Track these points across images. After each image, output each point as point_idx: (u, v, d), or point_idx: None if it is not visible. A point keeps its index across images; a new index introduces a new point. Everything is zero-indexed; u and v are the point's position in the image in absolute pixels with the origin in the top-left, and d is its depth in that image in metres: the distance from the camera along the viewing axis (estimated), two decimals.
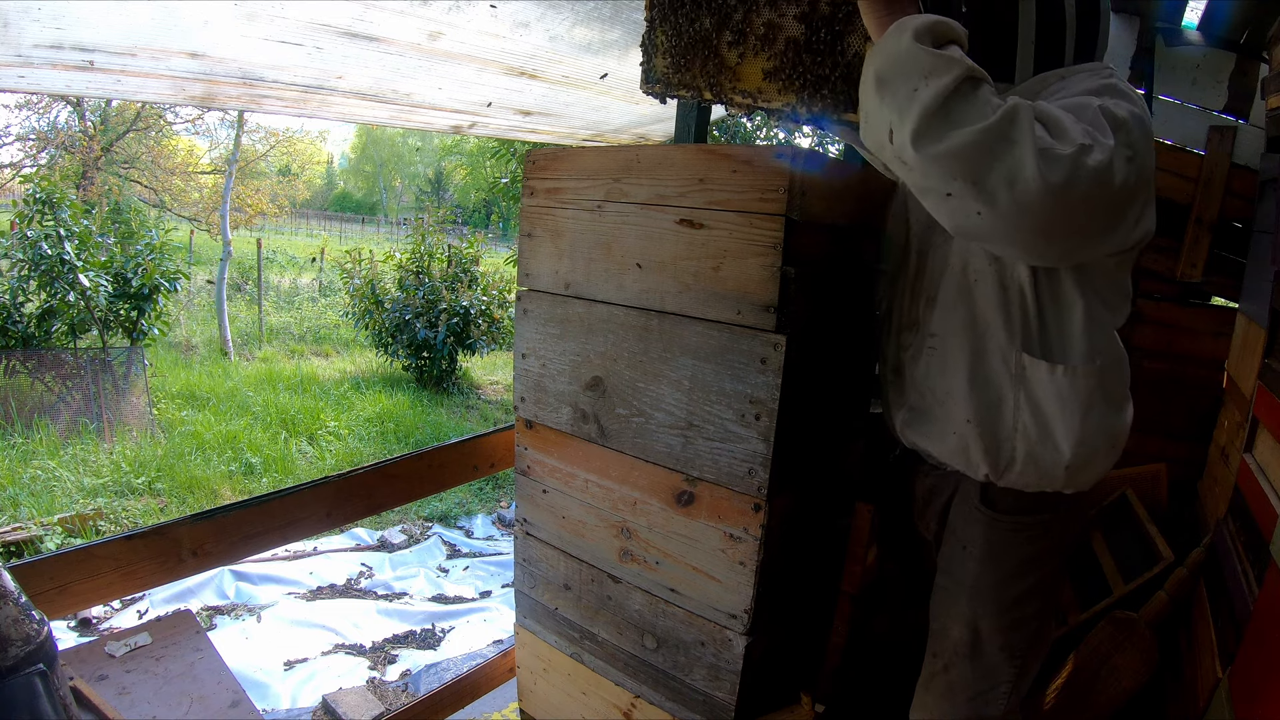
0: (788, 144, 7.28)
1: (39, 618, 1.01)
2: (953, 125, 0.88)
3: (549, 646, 1.87)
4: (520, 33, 1.84)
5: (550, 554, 1.79)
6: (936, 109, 0.88)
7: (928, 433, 1.30)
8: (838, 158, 1.77)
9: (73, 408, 7.13)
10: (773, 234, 1.26)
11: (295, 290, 15.12)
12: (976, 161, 0.88)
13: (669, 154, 1.40)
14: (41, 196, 7.24)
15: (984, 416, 1.20)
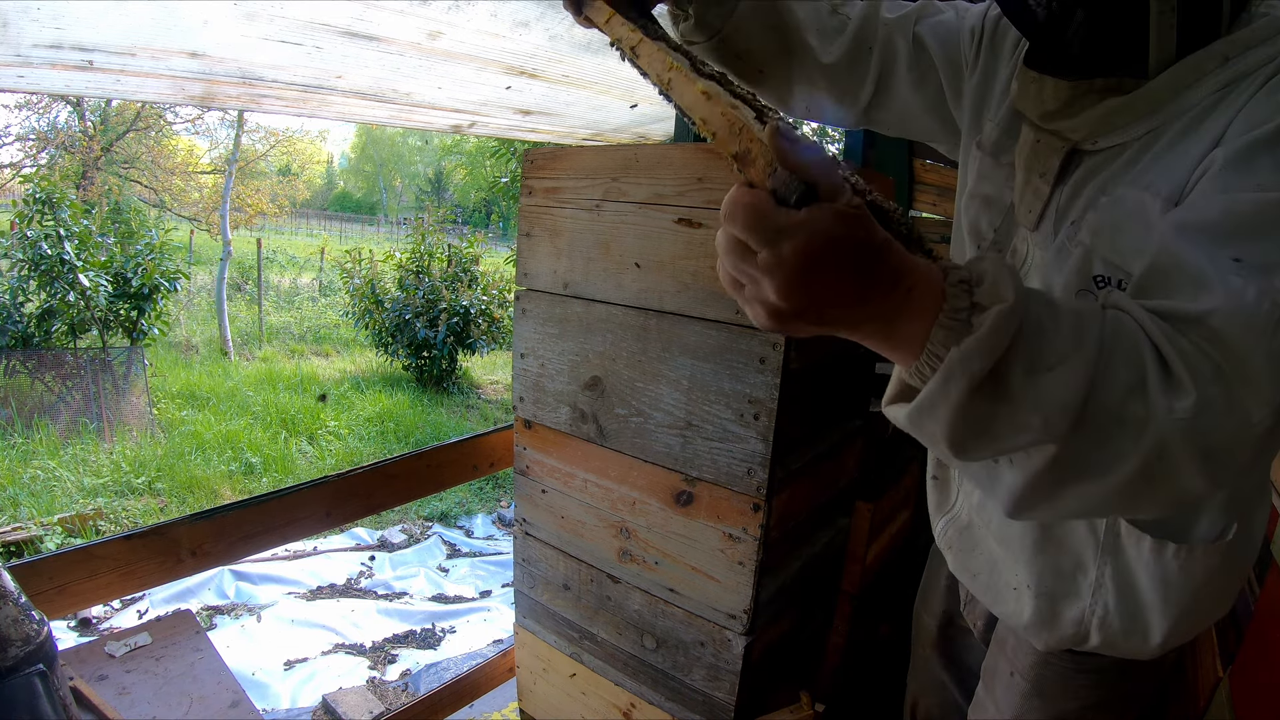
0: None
1: (39, 618, 1.01)
2: (1074, 483, 0.58)
3: (549, 646, 1.87)
4: (520, 32, 1.84)
5: (549, 554, 1.79)
6: (1044, 479, 0.58)
7: (974, 570, 1.05)
8: (836, 156, 1.77)
9: (73, 408, 7.14)
10: None
11: (295, 290, 15.12)
12: (1119, 505, 0.61)
13: (668, 153, 1.40)
14: (41, 196, 7.24)
15: (1049, 586, 0.92)
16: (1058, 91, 0.81)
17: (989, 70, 1.01)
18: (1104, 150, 0.81)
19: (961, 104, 1.05)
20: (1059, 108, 0.81)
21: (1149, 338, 0.57)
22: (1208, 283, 0.58)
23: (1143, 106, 0.76)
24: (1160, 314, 0.58)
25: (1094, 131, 0.81)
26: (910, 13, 1.07)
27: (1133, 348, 0.56)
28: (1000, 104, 0.98)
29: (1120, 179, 0.79)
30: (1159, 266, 0.63)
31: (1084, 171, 0.83)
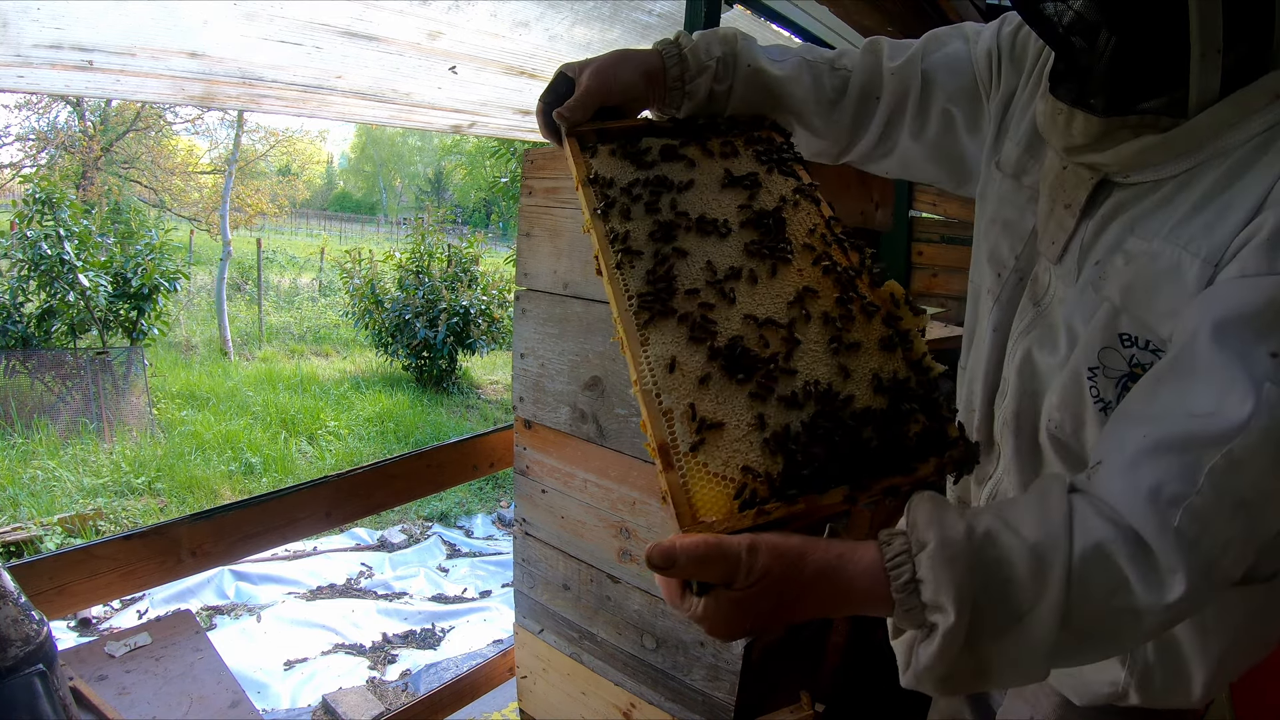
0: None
1: (39, 618, 1.01)
2: (1080, 658, 0.63)
3: (548, 646, 1.87)
4: (520, 32, 1.84)
5: (549, 554, 1.79)
6: (1042, 671, 0.61)
7: None
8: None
9: (73, 408, 7.14)
10: None
11: (295, 290, 15.11)
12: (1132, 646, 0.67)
13: None
14: (41, 196, 7.24)
15: None
16: (1088, 127, 0.74)
17: (1010, 87, 0.96)
18: (1136, 185, 0.75)
19: (980, 130, 1.00)
20: (1088, 143, 0.75)
21: (1127, 532, 0.58)
22: (1238, 392, 0.57)
23: (1181, 145, 0.70)
24: (1174, 444, 0.58)
25: (1126, 167, 0.74)
26: (915, 53, 1.02)
27: (1104, 560, 0.58)
28: (1020, 121, 0.93)
29: (1152, 220, 0.72)
30: (1185, 364, 0.61)
31: (1113, 205, 0.77)
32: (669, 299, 0.77)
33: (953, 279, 3.48)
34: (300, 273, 16.88)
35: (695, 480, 0.66)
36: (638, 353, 0.74)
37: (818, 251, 0.83)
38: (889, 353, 0.74)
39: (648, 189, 0.88)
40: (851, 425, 0.68)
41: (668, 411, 0.69)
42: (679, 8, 2.00)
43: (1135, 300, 0.72)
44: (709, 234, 0.84)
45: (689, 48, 0.97)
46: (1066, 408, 0.79)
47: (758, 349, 0.73)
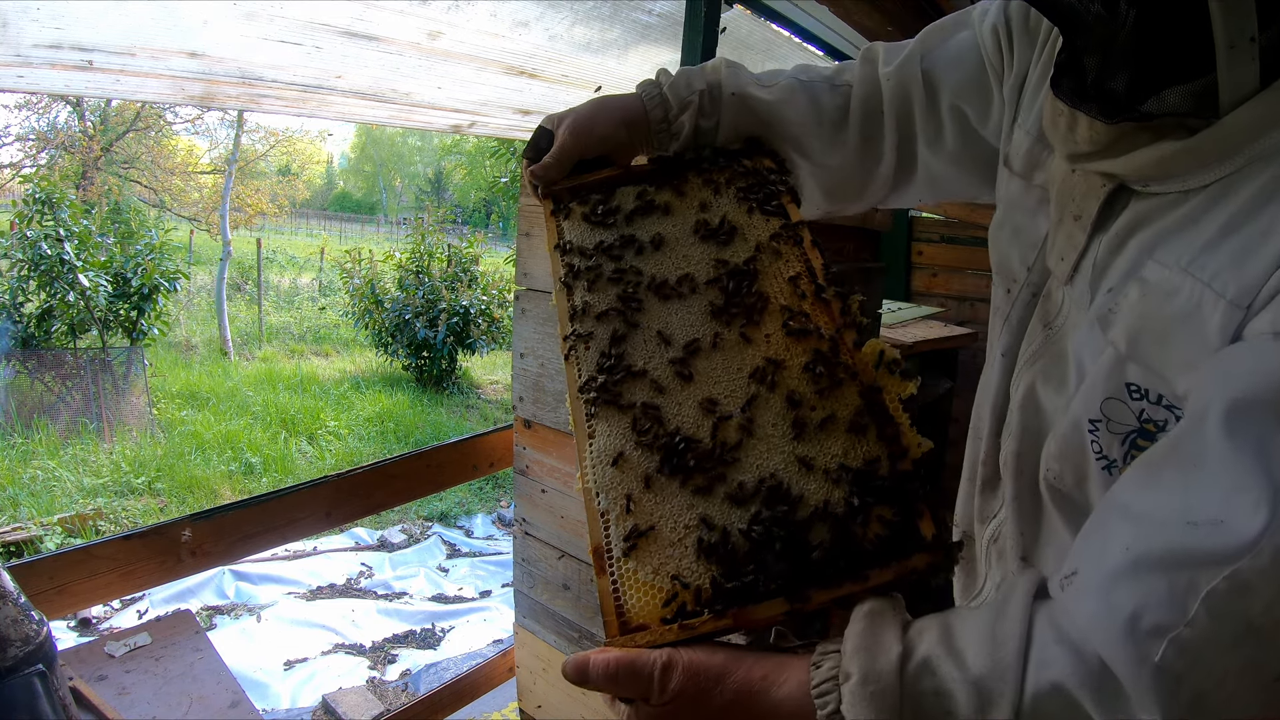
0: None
1: (38, 618, 1.01)
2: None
3: (548, 646, 1.87)
4: (520, 32, 1.84)
5: (549, 554, 1.79)
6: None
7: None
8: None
9: (73, 408, 7.14)
10: None
11: (295, 290, 15.12)
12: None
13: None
14: (41, 196, 7.25)
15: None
16: (1094, 133, 0.61)
17: (1024, 64, 0.81)
18: (1157, 195, 0.61)
19: (989, 119, 0.88)
20: (1095, 150, 0.62)
21: (1094, 665, 0.49)
22: (1250, 498, 0.44)
23: (1210, 152, 0.56)
24: (1163, 560, 0.47)
25: (1144, 176, 0.61)
26: (912, 52, 0.91)
27: (1063, 702, 0.49)
28: (1033, 105, 0.78)
29: (1176, 242, 0.58)
30: (1189, 452, 0.49)
31: (1130, 218, 0.63)
32: (618, 385, 0.72)
33: (953, 279, 3.48)
34: (300, 273, 16.88)
35: (626, 587, 0.63)
36: (583, 447, 0.70)
37: (792, 310, 0.74)
38: (859, 435, 0.66)
39: (609, 256, 0.82)
40: (795, 528, 0.61)
41: (605, 513, 0.66)
42: (679, 7, 2.00)
43: (1144, 349, 0.59)
44: (670, 298, 0.78)
45: (668, 85, 0.92)
46: (1066, 459, 0.67)
47: (707, 438, 0.67)
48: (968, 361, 2.98)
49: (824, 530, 0.61)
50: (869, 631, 0.54)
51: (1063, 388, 0.70)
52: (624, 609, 0.62)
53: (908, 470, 0.63)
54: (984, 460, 0.83)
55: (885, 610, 0.56)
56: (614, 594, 0.62)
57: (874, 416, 0.66)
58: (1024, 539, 0.76)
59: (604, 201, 0.88)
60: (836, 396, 0.68)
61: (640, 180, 0.90)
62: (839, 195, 1.01)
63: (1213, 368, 0.52)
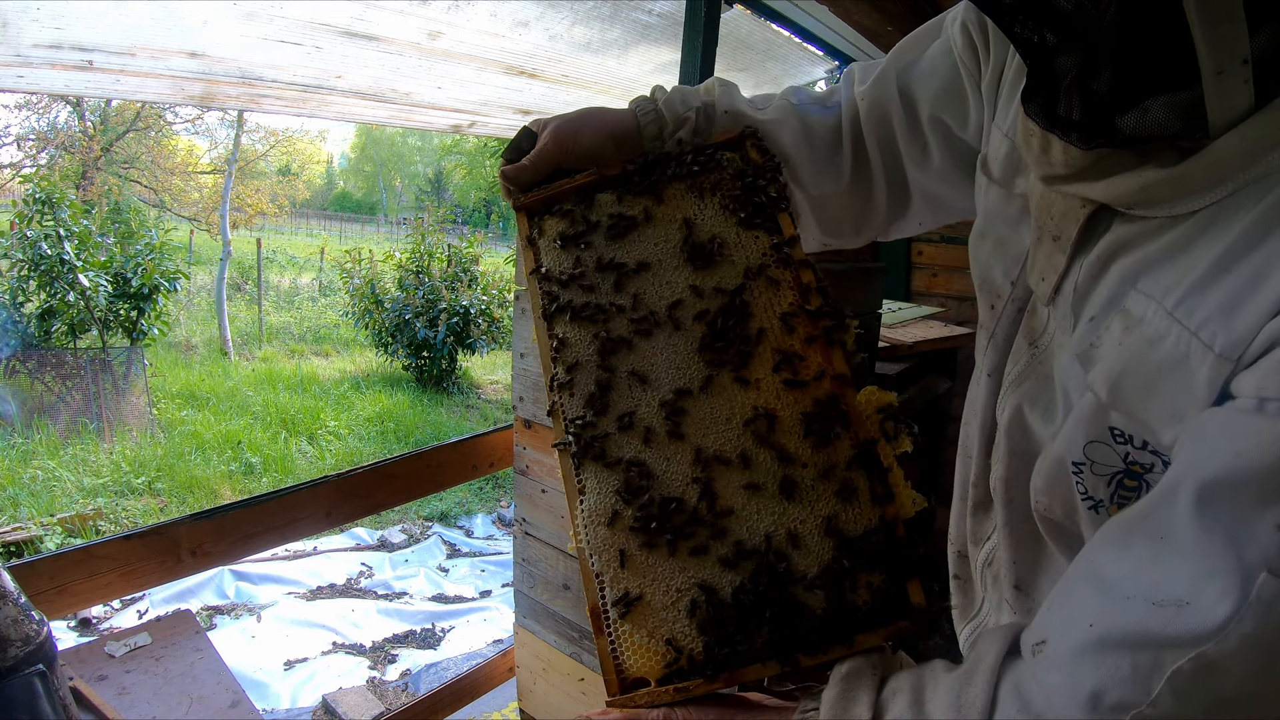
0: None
1: (38, 618, 1.01)
2: None
3: (549, 646, 1.87)
4: (520, 32, 1.84)
5: (549, 554, 1.79)
6: None
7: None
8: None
9: (73, 408, 7.14)
10: None
11: (295, 290, 15.12)
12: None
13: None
14: (41, 196, 7.25)
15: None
16: (1069, 157, 0.56)
17: (1000, 58, 0.75)
18: (1142, 218, 0.56)
19: (969, 124, 0.82)
20: (1070, 174, 0.58)
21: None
22: (1219, 583, 0.43)
23: (1199, 180, 0.51)
24: (1128, 638, 0.46)
25: (1125, 203, 0.57)
26: (886, 68, 0.87)
27: None
28: (1010, 103, 0.72)
29: (1162, 271, 0.54)
30: (1160, 524, 0.48)
31: (1113, 241, 0.59)
32: (604, 440, 0.70)
33: (953, 279, 3.48)
34: (300, 273, 16.88)
35: (624, 648, 0.65)
36: (573, 503, 0.70)
37: (785, 354, 0.70)
38: (850, 496, 0.64)
39: (588, 289, 0.77)
40: (786, 593, 0.61)
41: (599, 574, 0.67)
42: (679, 7, 2.00)
43: (1127, 398, 0.55)
44: (655, 333, 0.73)
45: (663, 100, 0.88)
46: (1054, 495, 0.64)
47: (696, 499, 0.66)
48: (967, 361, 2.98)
49: (815, 596, 0.61)
50: (842, 698, 0.55)
51: (1050, 414, 0.67)
52: (623, 669, 0.64)
53: (899, 535, 0.63)
54: (975, 482, 0.80)
55: (863, 671, 0.57)
56: (613, 654, 0.64)
57: (868, 475, 0.65)
58: (1018, 567, 0.74)
59: (580, 217, 0.82)
60: (830, 452, 0.66)
61: (618, 185, 0.83)
62: (836, 229, 0.96)
63: (1192, 434, 0.49)
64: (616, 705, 0.63)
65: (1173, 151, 0.52)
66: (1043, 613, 0.54)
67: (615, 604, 0.65)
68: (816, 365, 0.69)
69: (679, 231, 0.78)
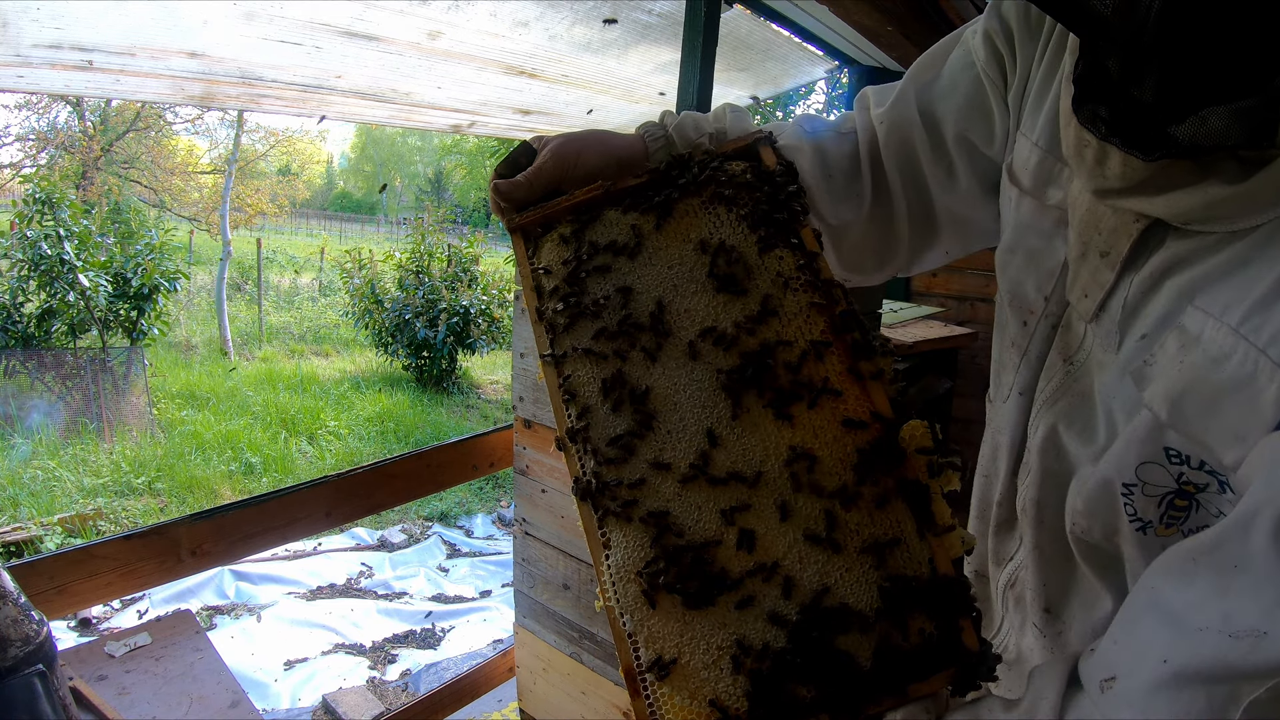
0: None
1: (38, 618, 1.01)
2: None
3: (548, 646, 1.87)
4: (520, 32, 1.84)
5: (549, 554, 1.79)
6: None
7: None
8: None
9: (73, 408, 7.14)
10: None
11: (295, 290, 15.12)
12: None
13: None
14: (41, 196, 7.25)
15: None
16: (1127, 169, 0.53)
17: (1026, 64, 0.72)
18: (1199, 234, 0.54)
19: (994, 138, 0.78)
20: (1127, 187, 0.55)
21: None
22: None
23: (1267, 195, 0.49)
24: (1202, 673, 0.45)
25: (1185, 219, 0.54)
26: (904, 90, 0.83)
27: None
28: (1039, 108, 0.69)
29: (1221, 288, 0.52)
30: (1232, 554, 0.46)
31: (1167, 257, 0.56)
32: (628, 488, 0.65)
33: (953, 279, 3.48)
34: (300, 273, 16.88)
35: (664, 709, 0.60)
36: (598, 558, 0.65)
37: (817, 388, 0.65)
38: (893, 543, 0.61)
39: (605, 337, 0.70)
40: (834, 645, 0.58)
41: (632, 634, 0.62)
42: (679, 7, 2.00)
43: (1187, 418, 0.53)
44: (674, 369, 0.68)
45: (674, 125, 0.84)
46: (1095, 516, 0.62)
47: (732, 550, 0.62)
48: (967, 361, 2.98)
49: (863, 644, 0.58)
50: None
51: (1088, 434, 0.64)
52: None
53: (949, 576, 0.59)
54: (1000, 501, 0.77)
55: (918, 718, 0.55)
56: (652, 718, 0.60)
57: (914, 514, 0.61)
58: (1048, 589, 0.71)
59: (584, 238, 0.74)
60: (874, 493, 0.62)
61: (626, 200, 0.76)
62: (857, 262, 0.90)
63: (1267, 458, 0.47)
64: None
65: (1233, 162, 0.50)
66: (1107, 646, 0.52)
67: (653, 666, 0.60)
68: (855, 399, 0.65)
69: (695, 252, 0.72)
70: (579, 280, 0.73)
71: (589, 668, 1.78)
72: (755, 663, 0.58)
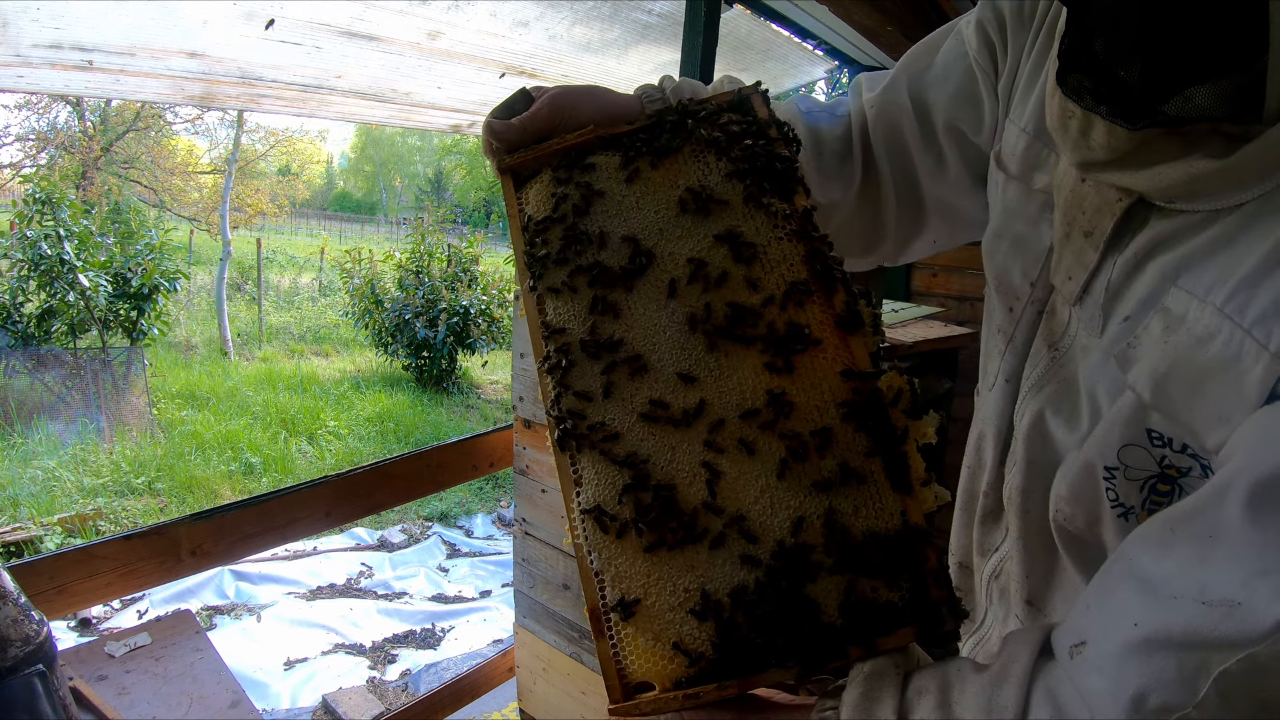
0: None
1: (38, 618, 1.01)
2: None
3: (548, 646, 1.87)
4: (520, 32, 1.84)
5: (549, 554, 1.79)
6: None
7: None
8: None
9: (73, 408, 7.14)
10: None
11: (295, 290, 15.13)
12: None
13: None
14: (41, 196, 7.25)
15: None
16: (1112, 139, 0.53)
17: (1017, 52, 0.72)
18: (1183, 213, 0.54)
19: (983, 127, 0.79)
20: (1111, 159, 0.55)
21: None
22: (1272, 584, 0.42)
23: (1252, 171, 0.49)
24: (1173, 639, 0.45)
25: (1168, 194, 0.54)
26: (896, 77, 0.84)
27: None
28: (1028, 95, 0.70)
29: (1205, 268, 0.52)
30: (1209, 524, 0.46)
31: (1150, 237, 0.56)
32: (601, 425, 0.64)
33: (953, 279, 3.48)
34: (300, 273, 16.89)
35: (628, 651, 0.60)
36: (569, 496, 0.65)
37: (797, 333, 0.64)
38: (872, 488, 0.60)
39: (585, 272, 0.70)
40: (803, 594, 0.57)
41: (599, 573, 0.62)
42: (679, 7, 2.00)
43: (1171, 399, 0.53)
44: (654, 310, 0.68)
45: (672, 89, 0.84)
46: (1078, 503, 0.62)
47: (704, 493, 0.61)
48: (967, 361, 2.98)
49: (832, 595, 0.57)
50: (865, 699, 0.53)
51: (1074, 421, 0.64)
52: (626, 674, 0.60)
53: (919, 528, 0.59)
54: (986, 491, 0.77)
55: (886, 671, 0.54)
56: (615, 658, 0.60)
57: (886, 467, 0.60)
58: (1030, 581, 0.71)
59: (573, 181, 0.74)
60: (847, 442, 0.61)
61: (616, 146, 0.75)
62: (843, 245, 0.89)
63: (1246, 433, 0.47)
64: (620, 713, 0.58)
65: (1218, 138, 0.49)
66: (1079, 613, 0.52)
67: (617, 606, 0.60)
68: (834, 349, 0.64)
69: (682, 198, 0.72)
70: (565, 221, 0.73)
71: (589, 668, 1.78)
72: (722, 610, 0.58)
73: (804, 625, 0.57)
